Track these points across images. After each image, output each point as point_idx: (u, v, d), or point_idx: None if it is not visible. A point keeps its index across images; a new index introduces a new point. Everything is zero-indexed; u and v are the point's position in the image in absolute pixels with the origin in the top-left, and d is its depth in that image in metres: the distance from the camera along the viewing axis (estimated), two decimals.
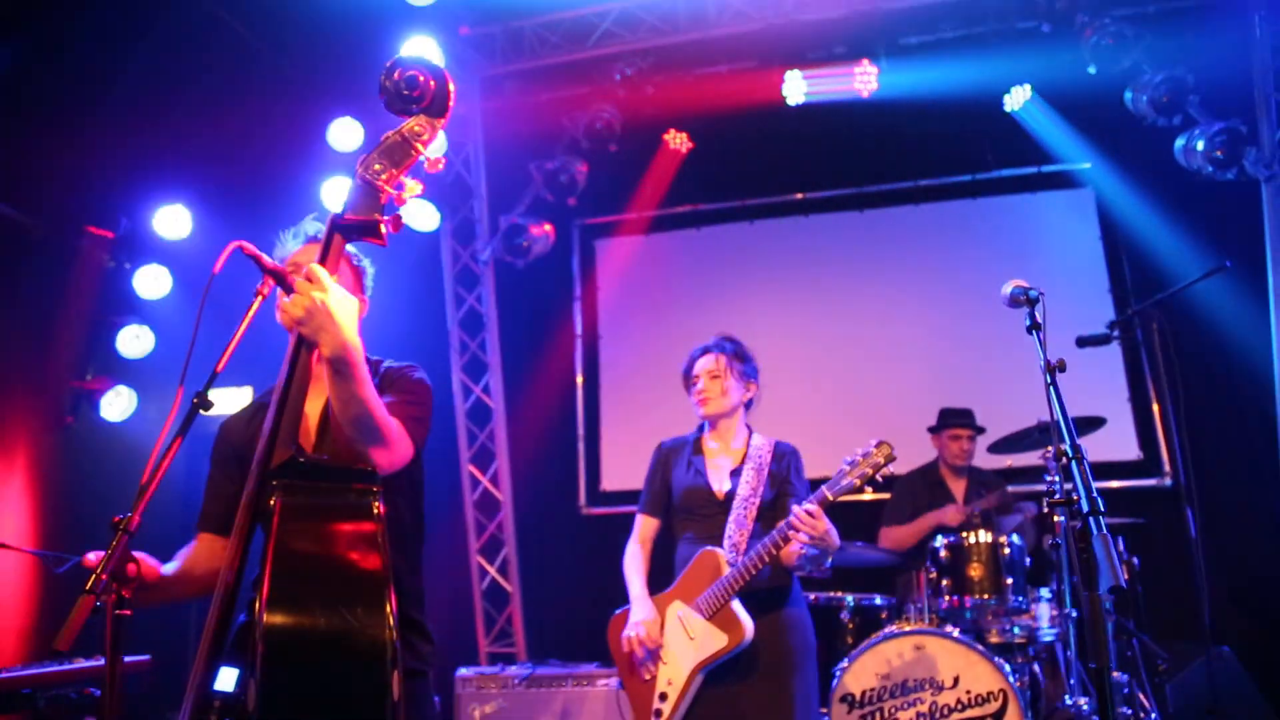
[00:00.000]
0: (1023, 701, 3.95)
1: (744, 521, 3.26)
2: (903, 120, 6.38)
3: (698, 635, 3.16)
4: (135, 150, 5.62)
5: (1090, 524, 1.74)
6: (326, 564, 1.78)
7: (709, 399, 3.42)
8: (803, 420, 5.71)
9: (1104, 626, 1.69)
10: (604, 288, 7.11)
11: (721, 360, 3.43)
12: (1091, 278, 6.24)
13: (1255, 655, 5.16)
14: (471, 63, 6.53)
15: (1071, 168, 6.41)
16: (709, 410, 3.43)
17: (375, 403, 1.93)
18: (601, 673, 4.89)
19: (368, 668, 1.68)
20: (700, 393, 3.43)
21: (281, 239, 2.29)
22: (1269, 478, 5.60)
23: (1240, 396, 5.81)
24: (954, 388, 5.90)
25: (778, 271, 6.70)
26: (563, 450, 6.89)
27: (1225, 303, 5.88)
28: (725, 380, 3.41)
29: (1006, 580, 4.33)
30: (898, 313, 6.46)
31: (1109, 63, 5.60)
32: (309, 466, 1.87)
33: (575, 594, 6.43)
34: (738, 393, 3.43)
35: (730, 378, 3.42)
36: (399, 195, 1.97)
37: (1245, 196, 5.74)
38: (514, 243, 6.55)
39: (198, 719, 1.75)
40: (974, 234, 6.48)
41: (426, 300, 6.82)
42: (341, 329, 1.82)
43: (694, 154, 6.68)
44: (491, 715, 4.87)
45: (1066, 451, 1.90)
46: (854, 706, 4.04)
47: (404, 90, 1.95)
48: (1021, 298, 2.24)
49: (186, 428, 1.82)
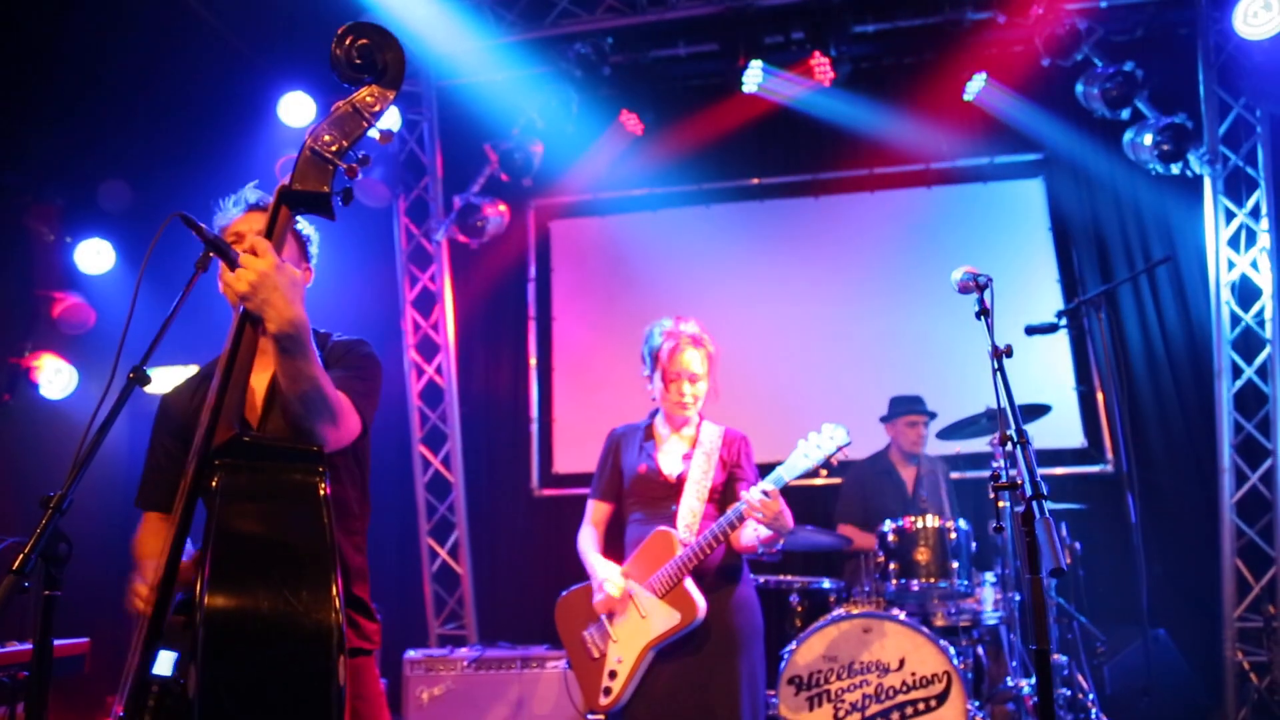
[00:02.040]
0: (966, 683, 4.02)
1: (696, 503, 3.27)
2: (859, 108, 6.41)
3: (650, 613, 3.18)
4: (78, 122, 5.46)
5: (1033, 508, 1.77)
6: (269, 545, 1.74)
7: (691, 404, 3.35)
8: (754, 406, 5.76)
9: (1045, 609, 1.72)
10: (559, 269, 7.06)
11: (708, 361, 3.35)
12: (1041, 268, 6.33)
13: (1189, 638, 5.31)
14: (427, 40, 6.43)
15: (1024, 158, 6.49)
16: (690, 414, 3.39)
17: (323, 378, 1.89)
18: (551, 654, 4.89)
19: (312, 651, 1.65)
20: (684, 395, 3.32)
21: (222, 206, 2.23)
22: (1207, 467, 5.75)
23: (1182, 386, 5.95)
24: (905, 375, 5.97)
25: (733, 256, 6.70)
26: (515, 432, 6.85)
27: (1169, 293, 6.02)
28: (707, 381, 3.37)
29: (952, 564, 4.40)
30: (850, 299, 6.50)
31: (1062, 56, 5.67)
32: (252, 445, 1.83)
33: (527, 576, 6.42)
34: (708, 391, 3.41)
35: (710, 378, 3.38)
36: (349, 167, 1.93)
37: (1190, 190, 5.87)
38: (468, 222, 6.48)
39: (135, 703, 1.71)
40: (927, 223, 6.53)
41: (379, 279, 6.74)
42: (288, 303, 1.78)
43: (651, 136, 6.65)
44: (440, 697, 4.84)
45: (1012, 436, 1.92)
46: (801, 688, 4.08)
47: (355, 59, 1.90)
48: (970, 283, 2.26)
49: (122, 403, 1.77)
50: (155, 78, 5.47)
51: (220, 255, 1.88)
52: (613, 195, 6.96)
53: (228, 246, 1.89)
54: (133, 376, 1.83)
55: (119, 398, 1.81)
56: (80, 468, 1.74)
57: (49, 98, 5.18)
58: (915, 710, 3.98)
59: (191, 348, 2.35)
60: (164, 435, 2.25)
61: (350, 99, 1.92)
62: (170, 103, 5.72)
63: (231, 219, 2.20)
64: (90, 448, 1.74)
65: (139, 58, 5.34)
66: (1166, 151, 5.52)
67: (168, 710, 1.78)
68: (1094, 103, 5.65)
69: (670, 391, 3.35)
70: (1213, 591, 5.60)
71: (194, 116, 5.86)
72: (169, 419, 2.26)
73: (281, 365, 1.84)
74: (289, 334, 1.79)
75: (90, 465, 1.75)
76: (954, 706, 3.94)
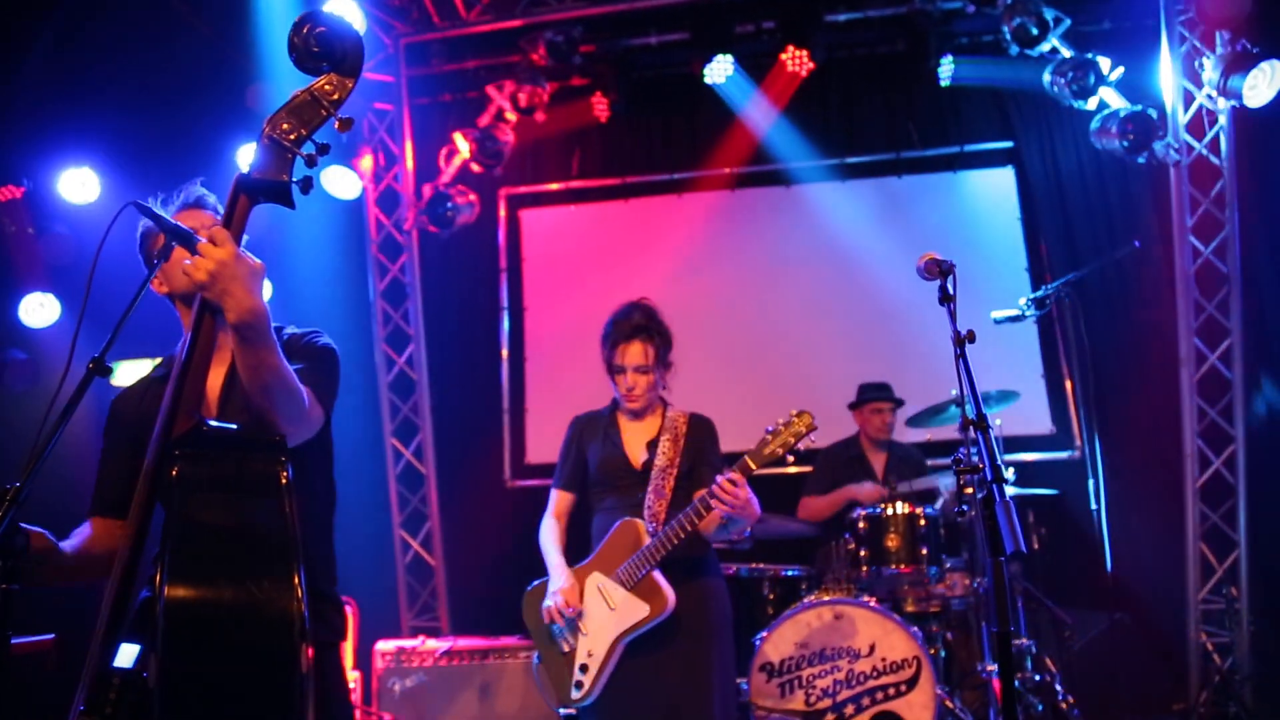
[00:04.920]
0: (935, 668, 4.06)
1: (662, 491, 3.26)
2: (829, 97, 6.43)
3: (619, 606, 3.16)
4: (39, 110, 5.37)
5: (993, 491, 1.78)
6: (231, 535, 1.73)
7: (638, 397, 3.32)
8: (724, 393, 5.76)
9: (1005, 591, 1.74)
10: (530, 259, 7.04)
11: (651, 353, 3.30)
12: (1010, 256, 6.38)
13: (1154, 620, 5.40)
14: (396, 28, 6.39)
15: (993, 146, 6.53)
16: (637, 408, 3.36)
17: (285, 369, 1.88)
18: (523, 644, 4.89)
19: (274, 640, 1.64)
20: (630, 390, 3.31)
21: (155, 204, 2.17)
22: (1171, 452, 5.82)
23: (1147, 372, 6.02)
24: (874, 362, 6.00)
25: (705, 245, 6.71)
26: (487, 423, 6.83)
27: (1135, 281, 6.09)
28: (653, 374, 3.32)
29: (922, 551, 4.44)
30: (822, 288, 6.53)
31: (1030, 44, 5.70)
32: (213, 435, 1.82)
33: (500, 567, 6.39)
34: (660, 380, 3.38)
35: (657, 370, 3.34)
36: (309, 156, 1.91)
37: (1157, 179, 5.93)
38: (439, 212, 6.43)
39: (96, 696, 1.69)
40: (897, 211, 6.56)
41: (348, 270, 6.68)
42: (247, 292, 1.77)
43: (623, 126, 6.63)
44: (411, 688, 4.83)
45: (973, 420, 1.94)
46: (773, 675, 4.11)
47: (313, 47, 1.89)
48: (934, 269, 2.27)
49: (81, 394, 1.75)
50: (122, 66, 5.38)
51: (181, 242, 1.86)
52: (584, 184, 6.94)
53: (190, 233, 1.87)
54: (92, 367, 1.81)
55: (78, 388, 1.79)
56: (38, 459, 1.72)
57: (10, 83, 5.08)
58: (886, 695, 4.01)
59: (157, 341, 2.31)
60: (114, 438, 2.21)
61: (309, 87, 1.91)
62: (137, 89, 5.62)
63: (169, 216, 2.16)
64: (47, 439, 1.72)
65: (110, 46, 5.26)
66: (1131, 141, 5.57)
67: (129, 704, 1.77)
68: (1061, 91, 5.69)
69: (617, 385, 3.36)
70: (1177, 574, 5.69)
71: (161, 103, 5.77)
72: (119, 421, 2.21)
73: (243, 356, 1.82)
74: (249, 323, 1.78)
75: (50, 458, 1.73)
76: (924, 691, 3.98)
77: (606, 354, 3.37)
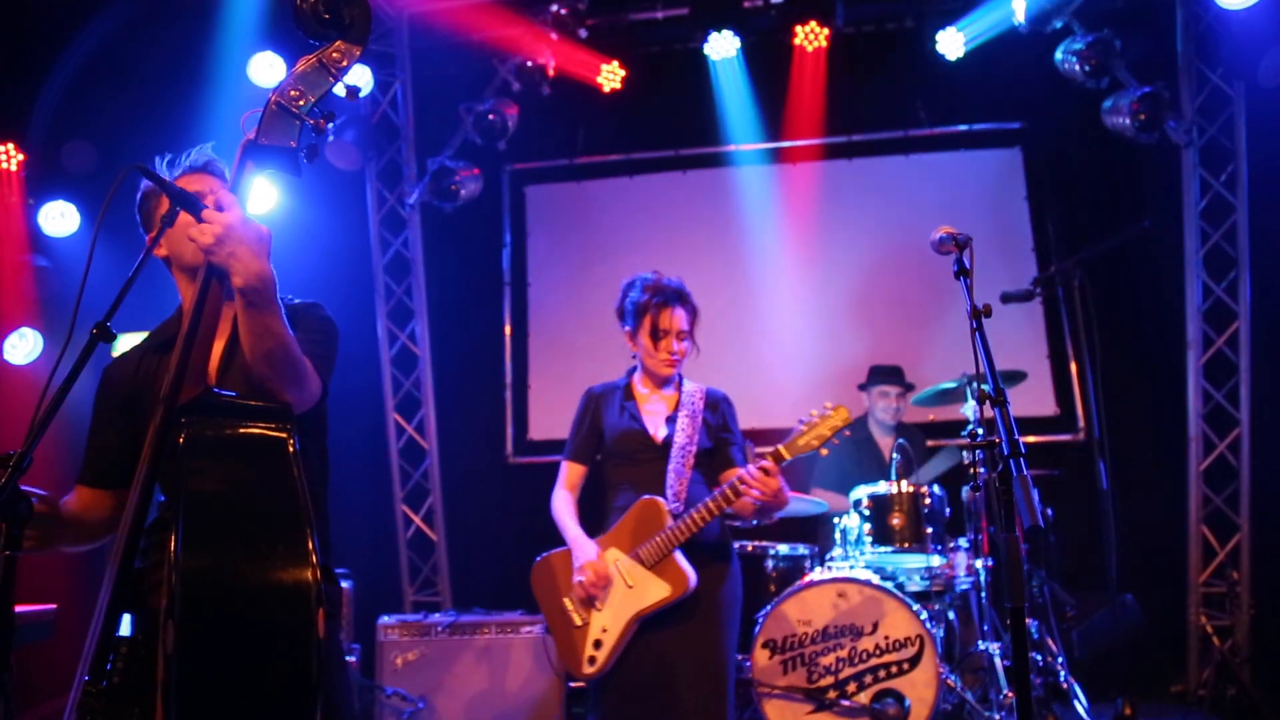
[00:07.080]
0: (938, 646, 4.06)
1: (682, 470, 3.23)
2: (836, 75, 6.36)
3: (637, 584, 3.13)
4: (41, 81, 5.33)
5: (1010, 466, 1.76)
6: (242, 503, 1.71)
7: (678, 360, 3.30)
8: (732, 372, 5.73)
9: (1020, 567, 1.72)
10: (534, 234, 7.00)
11: (690, 320, 3.31)
12: (1017, 236, 6.34)
13: (1155, 602, 5.40)
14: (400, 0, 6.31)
15: (1002, 126, 6.48)
16: (672, 373, 3.34)
17: (289, 337, 1.86)
18: (525, 620, 4.89)
19: (292, 606, 1.63)
20: (673, 353, 3.27)
21: (158, 167, 2.14)
22: (1176, 435, 5.81)
23: (1153, 355, 6.00)
24: (882, 342, 5.98)
25: (709, 222, 6.67)
26: (490, 399, 6.81)
27: (1143, 263, 6.05)
28: (690, 340, 3.33)
29: (926, 530, 4.43)
30: (827, 266, 6.49)
31: (1041, 23, 5.64)
32: (221, 403, 1.80)
33: (502, 543, 6.40)
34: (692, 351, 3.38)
35: (691, 336, 3.34)
36: (317, 123, 1.89)
37: (1167, 160, 5.88)
38: (442, 186, 6.38)
39: (99, 664, 1.68)
40: (904, 190, 6.51)
41: (351, 244, 6.64)
42: (254, 256, 1.74)
43: (627, 101, 6.57)
44: (414, 663, 4.84)
45: (990, 394, 1.92)
46: (776, 651, 4.11)
47: (322, 14, 1.87)
48: (950, 243, 2.24)
49: (84, 361, 1.73)
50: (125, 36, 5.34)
51: (186, 207, 1.83)
52: (588, 160, 6.89)
53: (195, 198, 1.84)
54: (96, 333, 1.78)
55: (80, 355, 1.77)
56: (42, 426, 1.70)
57: (11, 53, 5.04)
58: (888, 673, 4.01)
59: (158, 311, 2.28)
60: (107, 408, 2.15)
61: (317, 54, 1.90)
62: (139, 60, 5.58)
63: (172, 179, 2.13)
64: (51, 405, 1.70)
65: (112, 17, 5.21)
66: (1143, 121, 5.52)
67: (132, 672, 1.76)
68: (1073, 70, 5.63)
69: (659, 349, 3.29)
70: (1179, 557, 5.69)
71: (162, 75, 5.72)
72: (111, 390, 2.16)
73: (247, 322, 1.80)
74: (256, 288, 1.75)
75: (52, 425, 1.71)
76: (926, 670, 3.98)
77: (643, 319, 3.29)
